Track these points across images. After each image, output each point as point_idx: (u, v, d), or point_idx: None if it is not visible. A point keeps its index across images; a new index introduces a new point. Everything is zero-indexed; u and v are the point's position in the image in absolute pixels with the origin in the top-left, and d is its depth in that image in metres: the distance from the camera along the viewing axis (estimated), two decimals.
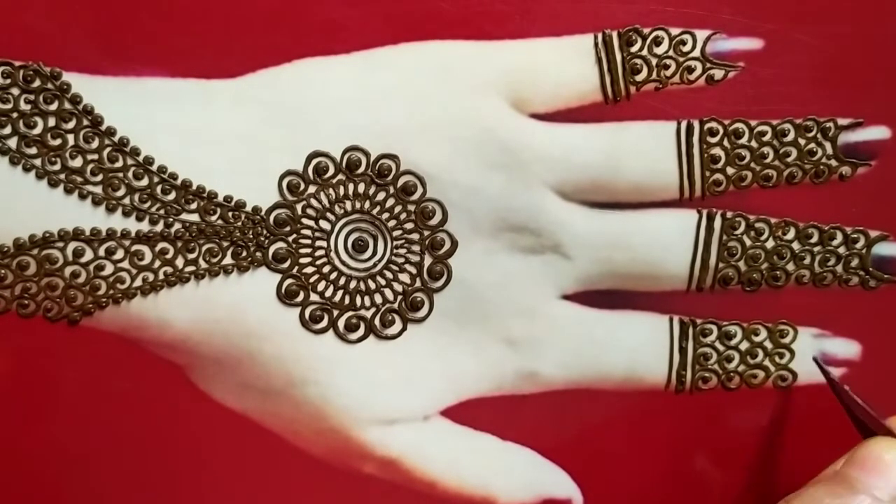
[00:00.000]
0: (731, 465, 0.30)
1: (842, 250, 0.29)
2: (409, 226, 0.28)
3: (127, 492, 0.27)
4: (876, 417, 0.25)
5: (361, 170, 0.27)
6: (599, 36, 0.27)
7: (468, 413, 0.29)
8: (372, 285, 0.28)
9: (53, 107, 0.26)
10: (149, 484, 0.28)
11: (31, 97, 0.26)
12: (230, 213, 0.27)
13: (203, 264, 0.27)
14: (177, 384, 0.27)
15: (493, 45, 0.27)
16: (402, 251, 0.28)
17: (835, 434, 0.26)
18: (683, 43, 0.28)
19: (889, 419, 0.26)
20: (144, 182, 0.27)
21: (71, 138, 0.26)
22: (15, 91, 0.26)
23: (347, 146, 0.27)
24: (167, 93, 0.26)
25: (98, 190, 0.26)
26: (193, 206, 0.27)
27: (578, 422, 0.29)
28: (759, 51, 0.28)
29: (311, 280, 0.27)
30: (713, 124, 0.28)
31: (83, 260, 0.26)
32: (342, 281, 0.28)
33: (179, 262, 0.27)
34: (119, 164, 0.26)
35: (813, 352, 0.29)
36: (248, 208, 0.27)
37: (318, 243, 0.28)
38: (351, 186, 0.27)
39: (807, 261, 0.29)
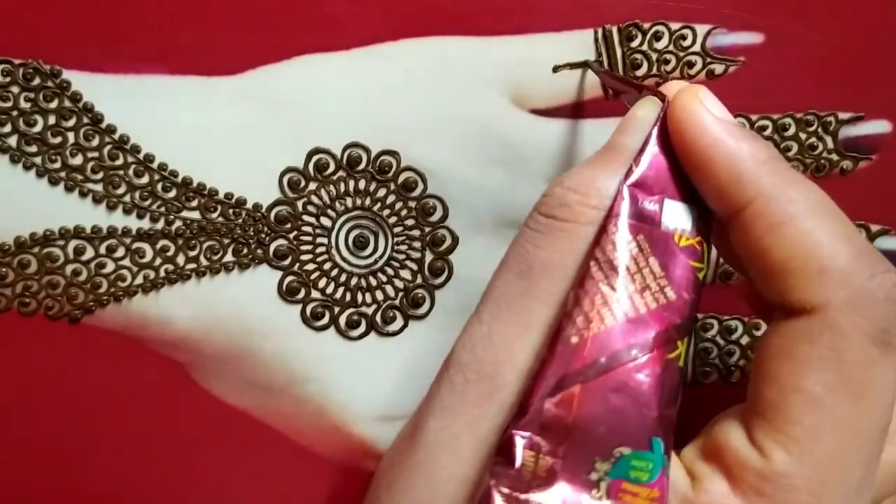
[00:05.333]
0: None
1: None
2: (410, 222, 0.28)
3: (128, 489, 0.27)
4: (640, 84, 0.24)
5: (362, 166, 0.27)
6: (599, 31, 0.27)
7: None
8: (373, 282, 0.28)
9: (53, 105, 0.26)
10: (150, 481, 0.28)
11: (31, 95, 0.26)
12: (231, 211, 0.27)
13: (204, 262, 0.27)
14: (178, 382, 0.27)
15: (493, 40, 0.27)
16: (403, 248, 0.28)
17: None
18: (683, 38, 0.28)
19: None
20: (145, 180, 0.27)
21: (71, 136, 0.26)
22: (15, 89, 0.26)
23: (348, 143, 0.27)
24: (167, 90, 0.26)
25: (99, 188, 0.26)
26: (194, 203, 0.27)
27: None
28: (759, 45, 0.28)
29: (312, 277, 0.27)
30: None
31: (84, 258, 0.26)
32: (343, 278, 0.28)
33: (180, 259, 0.27)
34: (119, 161, 0.26)
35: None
36: (249, 205, 0.27)
37: (319, 240, 0.28)
38: (352, 183, 0.27)
39: None
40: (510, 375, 0.20)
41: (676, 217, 0.21)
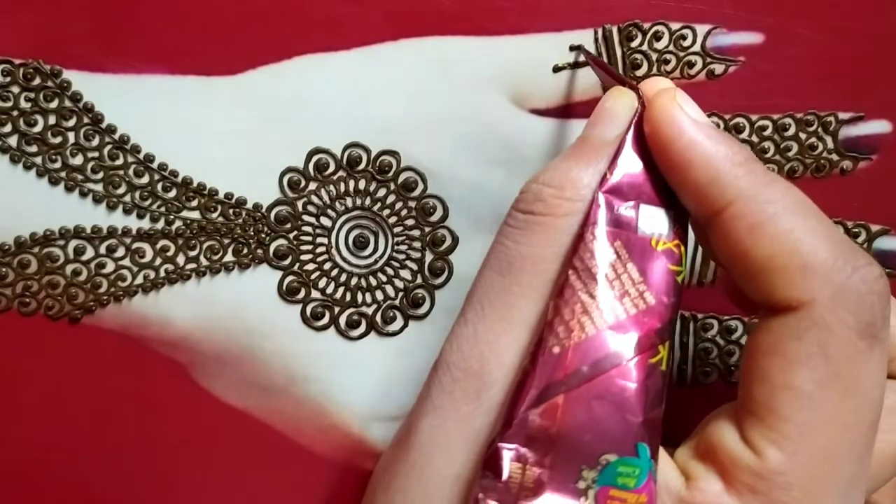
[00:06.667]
0: None
1: None
2: (410, 222, 0.28)
3: (129, 490, 0.27)
4: (622, 77, 0.24)
5: (362, 166, 0.27)
6: (599, 31, 0.27)
7: None
8: (373, 282, 0.28)
9: (54, 105, 0.26)
10: (150, 481, 0.28)
11: (32, 95, 0.26)
12: (231, 211, 0.27)
13: (204, 261, 0.27)
14: (178, 382, 0.27)
15: (494, 40, 0.27)
16: (403, 248, 0.28)
17: None
18: (684, 38, 0.28)
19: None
20: (145, 179, 0.27)
21: (71, 136, 0.26)
22: (15, 89, 0.26)
23: (348, 143, 0.27)
24: (167, 90, 0.26)
25: (99, 188, 0.26)
26: (194, 203, 0.27)
27: None
28: (759, 45, 0.28)
29: (313, 277, 0.27)
30: (714, 119, 0.28)
31: (84, 258, 0.26)
32: (343, 278, 0.28)
33: (181, 259, 0.27)
34: (119, 161, 0.26)
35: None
36: (249, 205, 0.27)
37: (319, 240, 0.28)
38: (352, 183, 0.27)
39: None
40: (497, 373, 0.21)
41: (653, 221, 0.21)
